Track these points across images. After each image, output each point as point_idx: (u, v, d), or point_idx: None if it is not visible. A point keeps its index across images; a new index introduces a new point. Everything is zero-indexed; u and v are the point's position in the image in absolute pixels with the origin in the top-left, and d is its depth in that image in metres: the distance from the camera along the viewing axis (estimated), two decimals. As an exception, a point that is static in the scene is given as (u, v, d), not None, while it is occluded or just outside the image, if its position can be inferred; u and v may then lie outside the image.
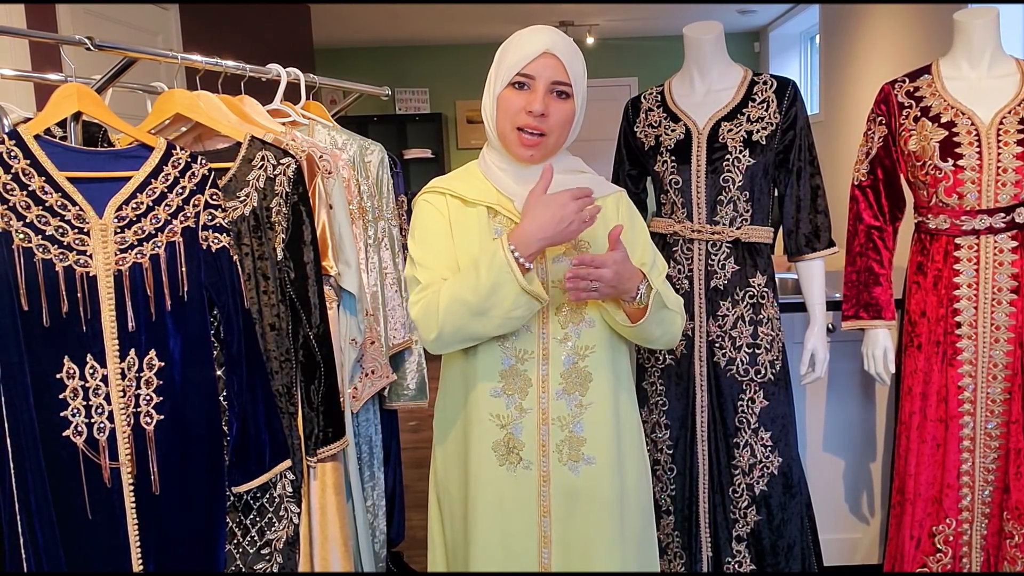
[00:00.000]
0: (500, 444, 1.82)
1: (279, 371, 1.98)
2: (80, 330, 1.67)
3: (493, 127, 1.82)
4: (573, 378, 1.82)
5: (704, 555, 2.55)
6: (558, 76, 1.75)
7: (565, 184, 1.79)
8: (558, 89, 1.76)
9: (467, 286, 1.70)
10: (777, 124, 2.44)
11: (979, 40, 2.43)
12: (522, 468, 1.82)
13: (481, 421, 1.83)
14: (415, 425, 5.21)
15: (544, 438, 1.82)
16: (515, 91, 1.76)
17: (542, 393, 1.81)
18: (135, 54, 1.97)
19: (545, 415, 1.82)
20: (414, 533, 3.40)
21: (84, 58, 2.06)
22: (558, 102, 1.77)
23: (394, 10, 7.41)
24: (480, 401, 1.83)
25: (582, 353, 1.83)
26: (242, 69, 2.37)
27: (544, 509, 1.83)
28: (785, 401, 2.50)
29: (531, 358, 1.81)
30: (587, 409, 1.82)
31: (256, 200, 1.93)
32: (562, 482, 1.82)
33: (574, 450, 1.82)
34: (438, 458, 1.98)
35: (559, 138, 1.80)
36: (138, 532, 1.74)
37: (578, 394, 1.82)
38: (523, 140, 1.77)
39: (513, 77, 1.76)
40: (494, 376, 1.82)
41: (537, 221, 1.68)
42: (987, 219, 2.37)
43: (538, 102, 1.73)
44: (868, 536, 3.19)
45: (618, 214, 1.91)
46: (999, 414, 2.42)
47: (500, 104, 1.78)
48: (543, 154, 1.80)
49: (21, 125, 1.74)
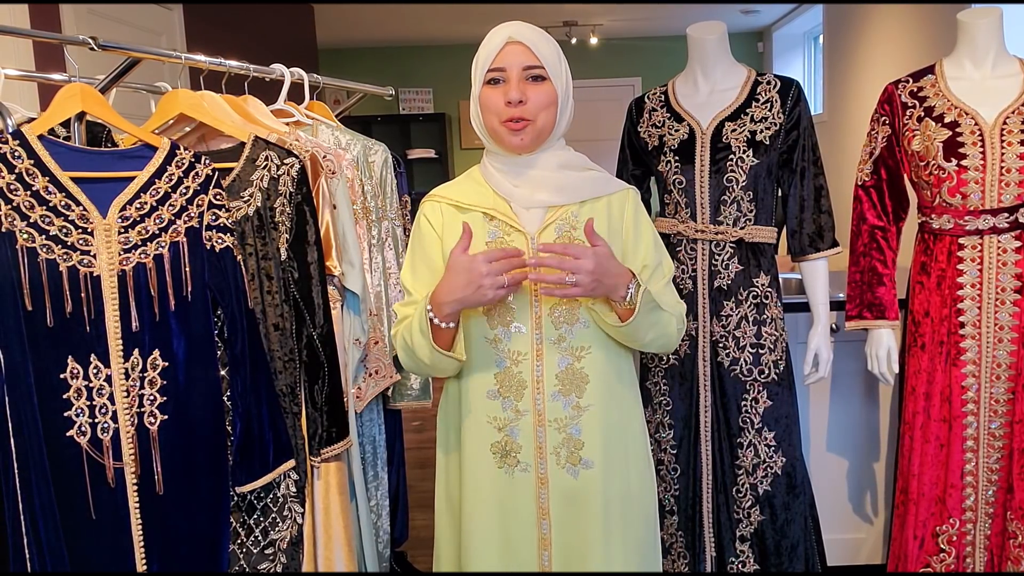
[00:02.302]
0: (498, 446, 1.82)
1: (283, 371, 1.98)
2: (84, 330, 1.67)
3: (482, 128, 1.82)
4: (568, 379, 1.81)
5: (708, 555, 2.54)
6: (527, 61, 1.75)
7: (560, 184, 1.81)
8: (531, 74, 1.76)
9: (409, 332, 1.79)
10: (781, 124, 2.44)
11: (983, 40, 2.43)
12: (520, 471, 1.81)
13: (479, 423, 1.83)
14: (419, 425, 5.21)
15: (541, 440, 1.81)
16: (491, 88, 1.77)
17: (537, 395, 1.80)
18: (139, 54, 1.97)
19: (541, 417, 1.81)
20: (418, 533, 3.40)
21: (88, 58, 2.07)
22: (534, 86, 1.76)
23: (398, 10, 7.41)
24: (477, 403, 1.83)
25: (577, 354, 1.81)
26: (246, 69, 2.37)
27: (543, 511, 1.82)
28: (789, 401, 2.50)
29: (525, 359, 1.81)
30: (585, 412, 1.81)
31: (260, 200, 1.93)
32: (561, 485, 1.82)
33: (572, 453, 1.81)
34: (441, 461, 1.97)
35: (546, 121, 1.78)
36: (142, 532, 1.74)
37: (575, 396, 1.81)
38: (510, 127, 1.76)
39: (486, 75, 1.77)
40: (489, 378, 1.82)
41: (448, 284, 1.71)
42: (991, 219, 2.36)
43: (513, 90, 1.74)
44: (872, 536, 3.18)
45: (624, 211, 1.88)
46: (1003, 414, 2.42)
47: (482, 103, 1.79)
48: (533, 138, 1.78)
49: (25, 125, 1.74)
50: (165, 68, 4.19)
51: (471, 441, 1.84)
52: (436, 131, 9.64)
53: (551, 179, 1.82)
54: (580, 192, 1.83)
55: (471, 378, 1.84)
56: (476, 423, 1.83)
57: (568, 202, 1.82)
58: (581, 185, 1.85)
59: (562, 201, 1.82)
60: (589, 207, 1.84)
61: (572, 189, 1.83)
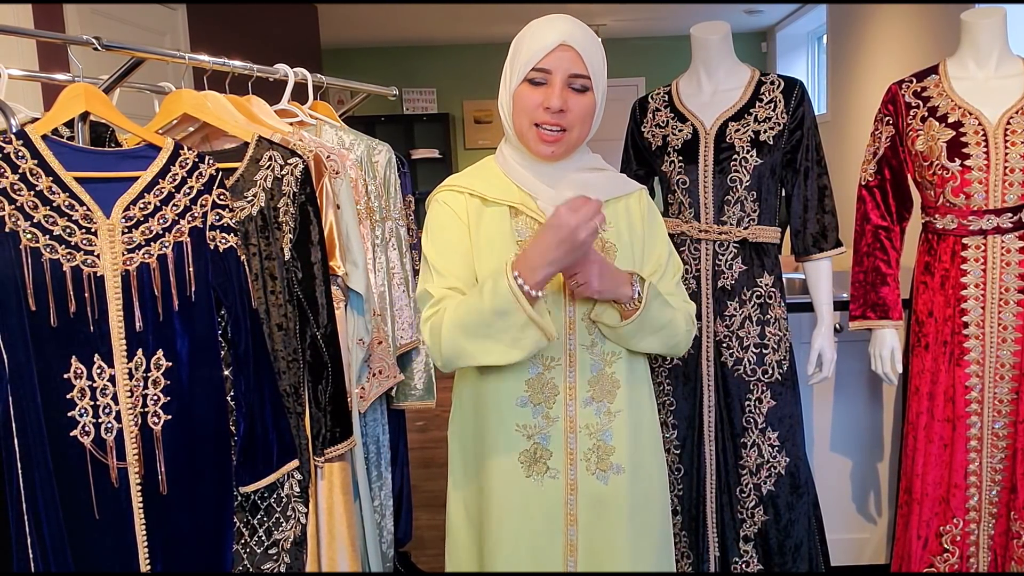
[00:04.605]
0: (527, 454, 1.77)
1: (286, 371, 1.98)
2: (87, 330, 1.67)
3: (510, 124, 1.75)
4: (600, 385, 1.77)
5: (711, 555, 2.54)
6: (575, 69, 1.67)
7: (585, 182, 1.76)
8: (577, 84, 1.68)
9: (471, 309, 1.64)
10: (784, 124, 2.44)
11: (986, 40, 2.43)
12: (548, 477, 1.77)
13: (507, 432, 1.77)
14: (422, 425, 5.22)
15: (572, 447, 1.77)
16: (531, 87, 1.69)
17: (569, 401, 1.76)
18: (143, 54, 1.97)
19: (573, 423, 1.76)
20: (421, 533, 3.40)
21: (91, 58, 2.07)
22: (577, 96, 1.69)
23: (402, 10, 7.41)
24: (505, 412, 1.77)
25: (608, 359, 1.78)
26: (249, 69, 2.37)
27: (571, 518, 1.78)
28: (792, 401, 2.50)
29: (558, 365, 1.76)
30: (616, 417, 1.78)
31: (263, 200, 1.93)
32: (590, 491, 1.78)
33: (603, 459, 1.77)
34: (457, 473, 1.90)
35: (580, 133, 1.72)
36: (145, 532, 1.74)
37: (606, 402, 1.77)
38: (543, 136, 1.69)
39: (528, 72, 1.68)
40: (520, 385, 1.76)
41: (538, 245, 1.60)
42: (994, 219, 2.36)
43: (556, 97, 1.66)
44: (875, 536, 3.18)
45: (641, 211, 1.85)
46: (1006, 414, 2.42)
47: (516, 101, 1.71)
48: (565, 150, 1.73)
49: (28, 125, 1.74)
50: (169, 68, 4.19)
51: (497, 451, 1.78)
52: (440, 131, 9.63)
53: (576, 178, 1.77)
54: (604, 191, 1.78)
55: (500, 386, 1.76)
56: (503, 432, 1.77)
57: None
58: (604, 185, 1.80)
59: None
60: (612, 207, 1.80)
61: (597, 188, 1.75)
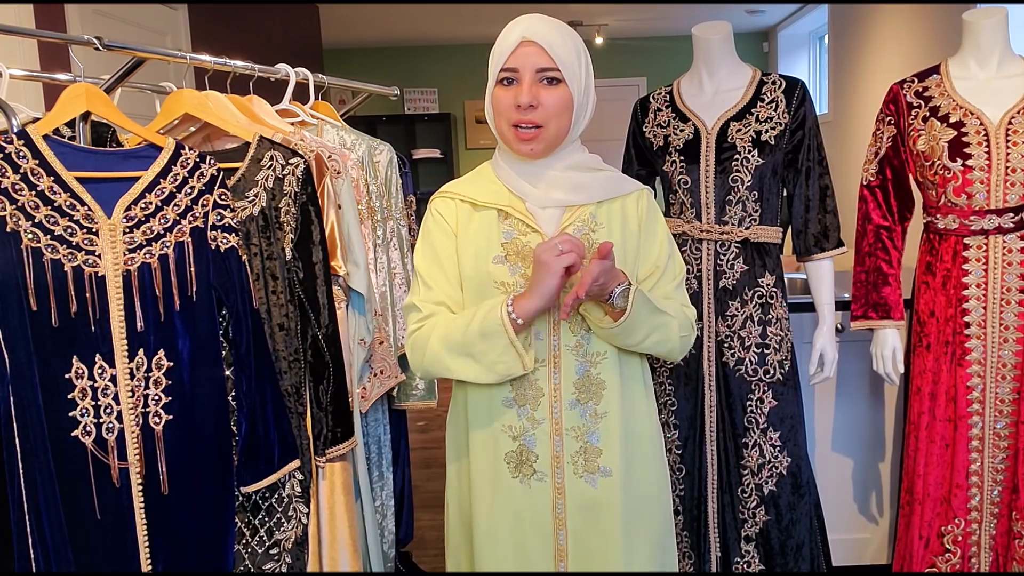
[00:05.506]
0: (512, 456, 1.77)
1: (288, 371, 1.98)
2: (89, 330, 1.67)
3: (494, 128, 1.77)
4: (586, 387, 1.76)
5: (713, 555, 2.54)
6: (542, 63, 1.67)
7: (572, 181, 1.76)
8: (545, 76, 1.68)
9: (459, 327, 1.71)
10: (786, 124, 2.44)
11: (988, 40, 2.43)
12: (536, 480, 1.77)
13: (493, 432, 1.78)
14: (424, 425, 5.22)
15: (558, 450, 1.76)
16: (503, 88, 1.70)
17: (554, 403, 1.76)
18: (144, 54, 1.97)
19: (558, 426, 1.76)
20: (423, 533, 3.40)
21: (93, 58, 2.08)
22: (548, 89, 1.68)
23: (403, 10, 7.41)
24: (493, 412, 1.78)
25: (594, 360, 1.77)
26: (251, 69, 2.37)
27: (559, 522, 1.78)
28: (794, 401, 2.50)
29: (542, 367, 1.76)
30: (602, 419, 1.77)
31: (265, 200, 1.93)
32: (578, 495, 1.77)
33: (590, 462, 1.77)
34: (452, 471, 1.92)
35: (559, 127, 1.71)
36: (147, 532, 1.74)
37: (592, 404, 1.77)
38: (520, 135, 1.70)
39: (499, 74, 1.70)
40: (505, 386, 1.77)
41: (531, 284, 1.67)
42: (996, 219, 2.36)
43: (524, 94, 1.66)
44: (877, 536, 3.18)
45: (639, 212, 1.84)
46: (1008, 414, 2.42)
47: (493, 104, 1.73)
48: (545, 147, 1.72)
49: (30, 125, 1.74)
50: (170, 68, 4.20)
51: (484, 451, 1.80)
52: (441, 131, 9.64)
53: (566, 178, 1.77)
54: (596, 192, 1.78)
55: (487, 387, 1.77)
56: (490, 432, 1.79)
57: (585, 202, 1.77)
58: (597, 185, 1.80)
59: (579, 201, 1.77)
60: (606, 208, 1.79)
61: (588, 189, 1.77)
